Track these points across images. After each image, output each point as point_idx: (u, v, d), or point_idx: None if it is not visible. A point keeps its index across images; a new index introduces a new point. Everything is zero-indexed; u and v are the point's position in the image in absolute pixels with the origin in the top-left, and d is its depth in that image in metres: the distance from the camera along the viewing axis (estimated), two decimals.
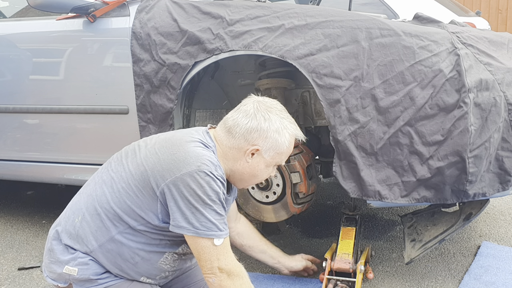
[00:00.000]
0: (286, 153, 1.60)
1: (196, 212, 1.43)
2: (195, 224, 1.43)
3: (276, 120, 1.55)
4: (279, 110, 1.59)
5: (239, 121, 1.55)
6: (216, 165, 1.47)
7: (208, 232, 1.44)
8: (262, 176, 1.63)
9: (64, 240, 1.56)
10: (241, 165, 1.57)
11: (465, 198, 1.90)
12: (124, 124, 2.37)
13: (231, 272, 1.48)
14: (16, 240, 2.77)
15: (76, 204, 1.61)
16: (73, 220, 1.57)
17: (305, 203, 2.25)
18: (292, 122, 1.60)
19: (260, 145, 1.54)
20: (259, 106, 1.56)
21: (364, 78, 1.88)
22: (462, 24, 2.37)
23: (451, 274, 2.23)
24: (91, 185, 1.61)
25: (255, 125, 1.53)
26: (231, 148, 1.56)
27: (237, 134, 1.54)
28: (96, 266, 1.53)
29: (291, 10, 2.06)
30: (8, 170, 2.79)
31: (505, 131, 1.91)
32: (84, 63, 2.44)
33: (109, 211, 1.51)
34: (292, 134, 1.59)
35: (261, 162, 1.57)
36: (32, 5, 2.29)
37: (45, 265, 1.62)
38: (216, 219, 1.45)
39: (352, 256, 2.04)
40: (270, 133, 1.54)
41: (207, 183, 1.43)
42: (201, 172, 1.42)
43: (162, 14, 2.23)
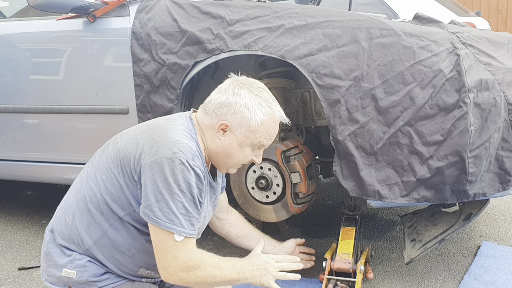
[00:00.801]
0: (261, 132, 1.51)
1: (161, 200, 1.38)
2: (157, 212, 1.38)
3: (246, 95, 1.48)
4: (254, 87, 1.51)
5: (212, 97, 1.53)
6: (195, 154, 1.43)
7: (168, 225, 1.38)
8: (237, 157, 1.54)
9: (58, 241, 1.56)
10: (215, 143, 1.52)
11: (465, 198, 1.90)
12: (124, 124, 2.34)
13: (189, 267, 1.42)
14: (16, 240, 2.77)
15: (66, 203, 1.60)
16: (65, 219, 1.56)
17: (305, 203, 2.25)
18: (268, 101, 1.51)
19: (229, 120, 1.49)
20: (232, 82, 1.52)
21: (364, 78, 1.88)
22: (462, 24, 2.37)
23: (451, 274, 2.23)
24: (78, 182, 1.60)
25: (224, 99, 1.49)
26: (207, 126, 1.52)
27: (209, 110, 1.51)
28: (94, 267, 1.52)
29: (291, 10, 2.06)
30: (8, 170, 2.79)
31: (505, 131, 1.91)
32: (84, 63, 2.44)
33: (97, 203, 1.50)
34: (267, 112, 1.50)
35: (233, 140, 1.51)
36: (32, 5, 2.29)
37: (43, 269, 1.61)
38: (181, 213, 1.39)
39: (352, 256, 2.04)
40: (238, 107, 1.48)
41: (181, 171, 1.38)
42: (176, 159, 1.38)
43: (162, 14, 2.23)
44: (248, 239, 1.98)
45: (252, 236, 1.99)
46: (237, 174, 2.27)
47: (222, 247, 2.57)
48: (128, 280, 1.58)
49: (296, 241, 2.14)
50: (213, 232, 1.94)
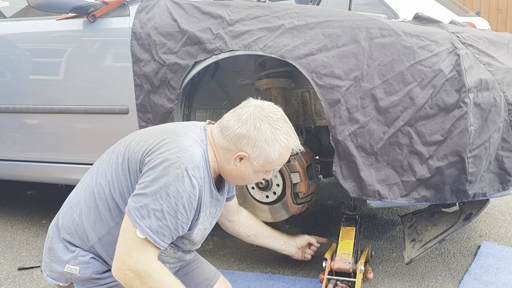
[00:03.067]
0: (277, 163, 1.54)
1: (143, 194, 1.36)
2: (132, 204, 1.37)
3: (267, 129, 1.49)
4: (274, 119, 1.51)
5: (231, 124, 1.51)
6: (196, 165, 1.42)
7: (137, 219, 1.35)
8: (251, 180, 1.59)
9: (63, 235, 1.55)
10: (230, 167, 1.53)
11: (465, 198, 1.90)
12: (124, 124, 2.37)
13: (138, 271, 1.36)
14: (16, 240, 2.77)
15: (73, 198, 1.60)
16: (71, 214, 1.56)
17: (305, 203, 2.25)
18: (287, 133, 1.53)
19: (248, 152, 1.50)
20: (253, 112, 1.50)
21: (364, 78, 1.88)
22: (462, 24, 2.37)
23: (451, 274, 2.23)
24: (87, 178, 1.60)
25: (245, 131, 1.48)
26: (222, 147, 1.53)
27: (227, 137, 1.51)
28: (97, 264, 1.53)
29: (291, 10, 2.06)
30: (8, 170, 2.79)
31: (505, 131, 1.91)
32: (84, 63, 2.45)
33: (105, 200, 1.50)
34: (284, 146, 1.52)
35: (249, 168, 1.53)
36: (32, 5, 2.29)
37: (45, 264, 1.61)
38: (157, 215, 1.36)
39: (352, 256, 2.04)
40: (259, 142, 1.48)
41: (175, 176, 1.37)
42: (176, 163, 1.37)
43: (162, 14, 2.23)
44: (258, 238, 2.07)
45: (262, 233, 2.08)
46: None
47: (222, 247, 2.57)
48: None
49: (310, 240, 2.21)
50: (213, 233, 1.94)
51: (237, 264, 2.40)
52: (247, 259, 2.44)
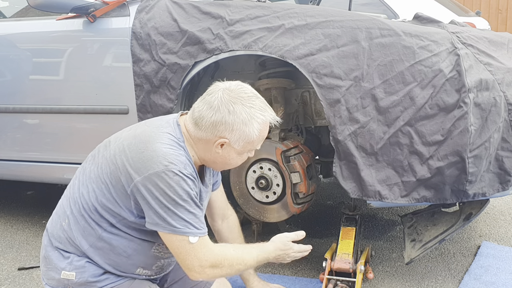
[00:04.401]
0: (258, 140, 1.54)
1: (169, 212, 1.40)
2: (171, 222, 1.41)
3: (241, 111, 1.46)
4: (246, 99, 1.49)
5: (203, 113, 1.48)
6: (185, 163, 1.44)
7: (184, 230, 1.42)
8: (236, 163, 1.58)
9: (55, 244, 1.57)
10: (212, 155, 1.53)
11: (465, 198, 1.90)
12: (124, 124, 2.34)
13: (213, 263, 1.46)
14: (16, 240, 2.77)
15: (60, 208, 1.61)
16: (61, 224, 1.56)
17: (305, 203, 2.25)
18: (261, 108, 1.50)
19: (227, 137, 1.48)
20: (223, 97, 1.47)
21: (364, 78, 1.88)
22: (462, 24, 2.37)
23: (451, 274, 2.23)
24: (70, 188, 1.61)
25: (219, 118, 1.46)
26: (200, 139, 1.51)
27: (203, 127, 1.49)
28: (93, 268, 1.53)
29: (291, 10, 2.06)
30: (8, 170, 2.79)
31: (505, 131, 1.91)
32: (84, 63, 2.44)
33: (90, 210, 1.51)
34: (262, 122, 1.50)
35: (231, 152, 1.52)
36: (32, 5, 2.29)
37: (43, 273, 1.61)
38: (190, 218, 1.42)
39: (352, 256, 2.04)
40: (236, 125, 1.47)
41: (177, 182, 1.40)
42: (169, 171, 1.39)
43: (162, 14, 2.23)
44: None
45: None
46: (237, 175, 2.27)
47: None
48: (128, 278, 1.58)
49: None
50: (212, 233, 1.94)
51: None
52: None
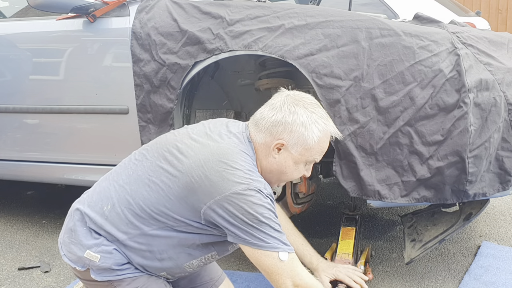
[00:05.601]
0: (316, 150, 1.49)
1: (255, 230, 1.38)
2: (259, 237, 1.38)
3: (303, 113, 1.45)
4: (308, 104, 1.48)
5: (265, 114, 1.48)
6: (265, 183, 1.42)
7: (273, 245, 1.39)
8: (292, 174, 1.53)
9: (89, 224, 1.50)
10: (269, 161, 1.49)
11: (465, 198, 1.90)
12: (124, 124, 2.37)
13: (301, 282, 1.42)
14: (16, 240, 2.77)
15: (106, 191, 1.53)
16: (101, 207, 1.50)
17: (305, 203, 2.25)
18: (323, 117, 1.49)
19: (285, 139, 1.45)
20: (286, 99, 1.47)
21: (364, 78, 1.88)
22: (462, 24, 2.37)
23: (451, 274, 2.23)
24: (123, 176, 1.53)
25: (280, 118, 1.45)
26: (260, 144, 1.49)
27: (263, 128, 1.47)
28: (119, 256, 1.48)
29: (291, 10, 2.06)
30: (8, 170, 2.79)
31: (505, 131, 1.91)
32: (84, 63, 2.44)
33: (145, 210, 1.45)
34: (322, 129, 1.47)
35: (288, 158, 1.49)
36: (32, 5, 2.29)
37: (64, 243, 1.55)
38: (277, 235, 1.39)
39: (352, 256, 2.04)
40: (295, 126, 1.45)
41: (259, 200, 1.37)
42: (251, 190, 1.37)
43: (162, 14, 2.23)
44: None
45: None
46: None
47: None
48: (146, 273, 1.54)
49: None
50: None
51: (237, 264, 2.40)
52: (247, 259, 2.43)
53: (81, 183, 2.58)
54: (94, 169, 2.55)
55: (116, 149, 2.44)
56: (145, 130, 2.26)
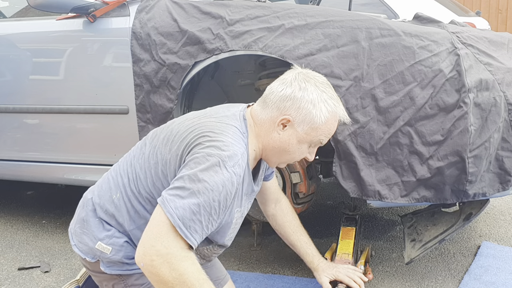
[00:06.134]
0: (322, 130, 1.45)
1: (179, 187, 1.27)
2: (166, 196, 1.28)
3: (313, 91, 1.41)
4: (320, 82, 1.44)
5: (274, 88, 1.45)
6: (237, 163, 1.33)
7: (170, 208, 1.25)
8: (294, 153, 1.48)
9: (100, 214, 1.50)
10: (273, 138, 1.45)
11: (465, 198, 1.90)
12: (124, 124, 2.37)
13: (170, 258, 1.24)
14: (16, 240, 2.77)
15: (114, 180, 1.53)
16: (110, 196, 1.50)
17: (305, 203, 2.25)
18: (333, 98, 1.45)
19: (292, 116, 1.42)
20: (298, 76, 1.44)
21: (364, 78, 1.88)
22: (462, 24, 2.37)
23: (451, 274, 2.23)
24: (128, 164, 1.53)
25: (289, 92, 1.41)
26: (265, 120, 1.45)
27: (270, 102, 1.44)
28: (130, 249, 1.48)
29: (291, 10, 2.06)
30: (8, 170, 2.79)
31: (505, 131, 1.91)
32: (84, 63, 2.45)
33: (147, 196, 1.44)
34: (331, 110, 1.43)
35: (293, 136, 1.44)
36: (32, 5, 2.29)
37: (75, 233, 1.55)
38: (192, 208, 1.25)
39: (352, 256, 2.04)
40: (304, 103, 1.41)
41: (215, 172, 1.28)
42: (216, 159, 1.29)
43: (162, 14, 2.23)
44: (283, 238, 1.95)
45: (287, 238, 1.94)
46: None
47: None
48: None
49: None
50: None
51: (237, 264, 2.40)
52: (247, 259, 2.44)
53: (81, 183, 2.58)
54: (94, 169, 2.55)
55: (116, 149, 2.44)
56: (144, 130, 2.26)
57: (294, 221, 1.93)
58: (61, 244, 2.68)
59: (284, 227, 1.92)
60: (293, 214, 1.94)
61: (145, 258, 1.25)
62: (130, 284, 1.53)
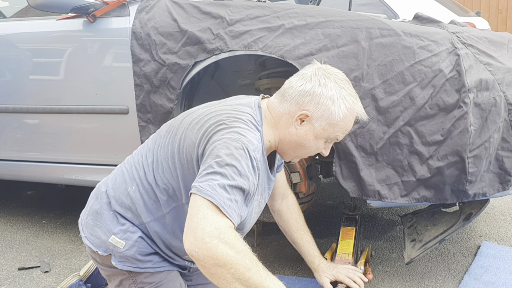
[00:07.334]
0: (340, 126, 1.45)
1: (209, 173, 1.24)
2: (198, 184, 1.24)
3: (332, 87, 1.42)
4: (340, 79, 1.45)
5: (293, 83, 1.45)
6: (256, 148, 1.33)
7: (208, 192, 1.22)
8: (310, 148, 1.49)
9: (115, 207, 1.50)
10: (290, 132, 1.45)
11: (465, 198, 1.90)
12: (124, 124, 2.37)
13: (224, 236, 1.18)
14: (16, 240, 2.77)
15: (129, 172, 1.53)
16: (126, 188, 1.49)
17: (305, 203, 2.25)
18: (352, 95, 1.46)
19: (310, 111, 1.42)
20: (318, 71, 1.44)
21: (364, 78, 1.88)
22: (462, 24, 2.37)
23: (451, 274, 2.23)
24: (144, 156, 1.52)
25: (309, 88, 1.42)
26: (282, 114, 1.45)
27: (289, 97, 1.44)
28: (143, 245, 1.48)
29: (291, 10, 2.06)
30: (8, 170, 2.79)
31: (505, 131, 1.91)
32: (84, 63, 2.45)
33: (164, 187, 1.43)
34: (350, 107, 1.44)
35: (310, 132, 1.45)
36: (32, 5, 2.29)
37: (86, 225, 1.53)
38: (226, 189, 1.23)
39: (352, 256, 2.04)
40: (323, 99, 1.41)
41: (240, 155, 1.27)
42: (238, 143, 1.29)
43: (162, 14, 2.23)
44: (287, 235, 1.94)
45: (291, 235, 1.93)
46: None
47: None
48: (166, 269, 1.54)
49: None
50: None
51: None
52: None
53: (81, 183, 2.58)
54: (94, 169, 2.55)
55: (116, 149, 2.44)
56: (145, 130, 2.26)
57: (299, 219, 1.93)
58: (61, 244, 2.68)
59: (289, 224, 1.92)
60: (299, 212, 1.94)
61: (197, 243, 1.16)
62: (139, 282, 1.52)
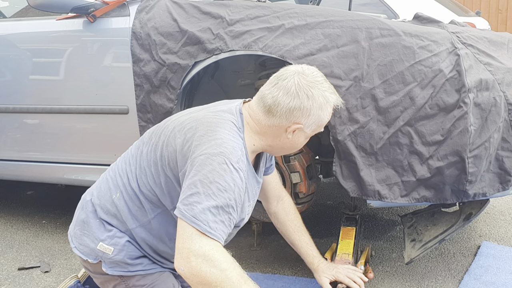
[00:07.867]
0: (326, 122, 1.57)
1: (192, 194, 1.28)
2: (182, 207, 1.28)
3: (318, 95, 1.48)
4: (320, 82, 1.50)
5: (280, 99, 1.46)
6: (239, 158, 1.36)
7: (192, 218, 1.26)
8: (299, 146, 1.60)
9: (100, 215, 1.51)
10: (282, 140, 1.53)
11: (465, 198, 1.90)
12: (124, 124, 2.37)
13: (207, 255, 1.24)
14: (16, 240, 2.77)
15: (113, 180, 1.55)
16: (110, 196, 1.52)
17: (305, 203, 2.25)
18: (331, 91, 1.54)
19: (302, 123, 1.49)
20: (300, 82, 1.47)
21: (364, 78, 1.88)
22: (462, 24, 2.37)
23: (451, 274, 2.23)
24: (126, 164, 1.55)
25: (298, 104, 1.46)
26: (270, 126, 1.49)
27: (278, 113, 1.47)
28: (132, 249, 1.50)
29: (291, 10, 2.06)
30: (8, 170, 2.79)
31: (505, 131, 1.91)
32: (84, 63, 2.45)
33: (147, 193, 1.47)
34: (333, 104, 1.54)
35: (301, 136, 1.55)
36: (32, 5, 2.29)
37: (75, 236, 1.56)
38: (212, 211, 1.27)
39: (352, 256, 2.04)
40: (314, 110, 1.48)
41: (223, 170, 1.30)
42: (220, 157, 1.31)
43: (162, 14, 2.23)
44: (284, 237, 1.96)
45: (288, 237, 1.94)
46: None
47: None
48: (158, 270, 1.55)
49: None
50: None
51: None
52: (247, 259, 2.44)
53: (81, 183, 2.58)
54: (94, 169, 2.55)
55: (116, 149, 2.44)
56: (145, 130, 2.25)
57: (296, 220, 1.94)
58: (61, 244, 2.68)
59: (286, 225, 1.92)
60: (296, 213, 1.95)
61: (184, 263, 1.25)
62: (131, 285, 1.53)
